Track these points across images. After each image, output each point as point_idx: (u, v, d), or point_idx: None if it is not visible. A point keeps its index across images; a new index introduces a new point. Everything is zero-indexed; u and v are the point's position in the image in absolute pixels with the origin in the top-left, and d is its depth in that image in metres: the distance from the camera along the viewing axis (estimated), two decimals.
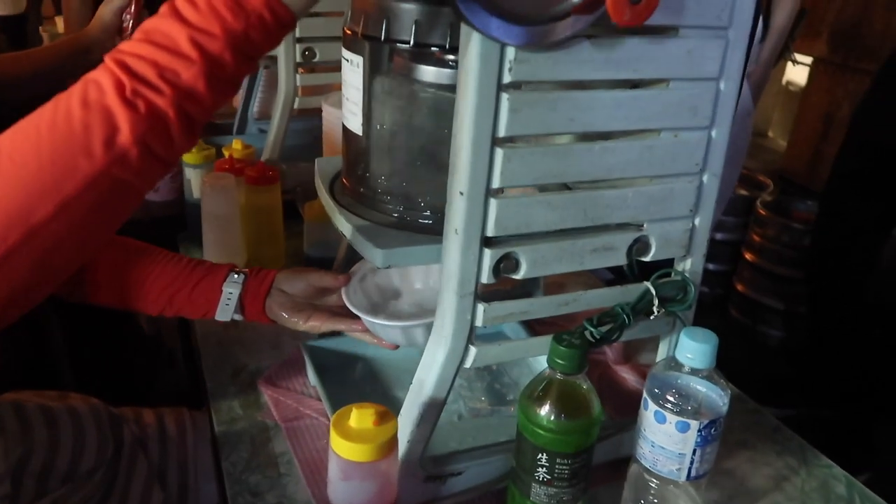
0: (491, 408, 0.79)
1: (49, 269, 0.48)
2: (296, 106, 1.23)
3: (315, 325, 0.77)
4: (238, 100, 1.57)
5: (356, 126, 0.62)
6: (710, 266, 2.51)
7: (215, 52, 0.47)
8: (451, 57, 0.57)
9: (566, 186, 0.61)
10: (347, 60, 0.61)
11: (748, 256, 2.34)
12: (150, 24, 0.48)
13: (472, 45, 0.48)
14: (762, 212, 2.28)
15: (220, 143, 1.35)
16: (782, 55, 1.79)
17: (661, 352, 0.69)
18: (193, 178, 1.13)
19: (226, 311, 0.77)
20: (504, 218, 0.54)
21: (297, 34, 1.17)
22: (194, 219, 1.10)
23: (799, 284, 2.17)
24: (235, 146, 1.17)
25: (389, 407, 0.61)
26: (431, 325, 0.63)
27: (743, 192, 2.47)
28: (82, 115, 0.45)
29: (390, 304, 0.78)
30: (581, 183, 0.58)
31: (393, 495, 0.57)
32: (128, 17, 1.28)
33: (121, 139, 0.45)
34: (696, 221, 0.63)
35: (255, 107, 1.54)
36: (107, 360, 1.56)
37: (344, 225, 0.62)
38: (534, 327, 0.89)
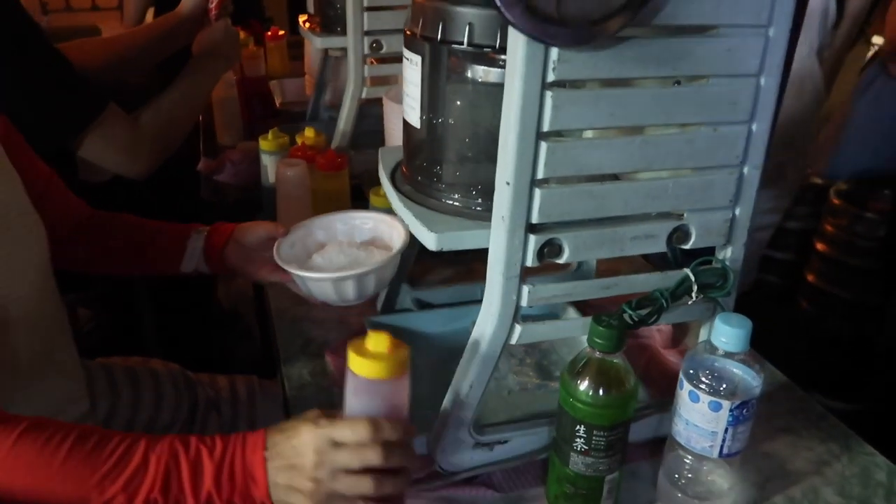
0: (538, 382, 0.84)
1: None
2: (364, 96, 1.29)
3: (263, 274, 0.86)
4: (310, 90, 1.65)
5: (415, 120, 0.67)
6: (780, 255, 2.45)
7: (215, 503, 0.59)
8: (502, 56, 0.61)
9: (610, 176, 0.64)
10: (408, 59, 0.66)
11: (819, 247, 2.28)
12: (202, 461, 0.59)
13: (518, 47, 0.53)
14: (835, 201, 2.21)
15: (294, 131, 1.43)
16: (858, 39, 1.73)
17: (702, 335, 0.72)
18: (269, 164, 1.22)
19: (189, 262, 0.88)
20: (547, 206, 0.59)
21: (366, 27, 1.23)
22: (270, 201, 1.18)
23: (873, 276, 2.10)
24: (308, 134, 1.24)
25: (443, 380, 0.67)
26: (360, 278, 0.72)
27: (817, 181, 2.40)
28: (125, 483, 0.57)
29: (315, 259, 0.84)
30: (622, 174, 0.61)
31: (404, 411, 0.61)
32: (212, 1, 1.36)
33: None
34: (737, 212, 0.65)
35: (326, 95, 1.62)
36: (189, 332, 1.69)
37: (402, 210, 0.68)
38: (583, 308, 0.92)
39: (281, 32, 1.99)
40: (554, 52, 0.53)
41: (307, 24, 1.40)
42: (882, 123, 1.81)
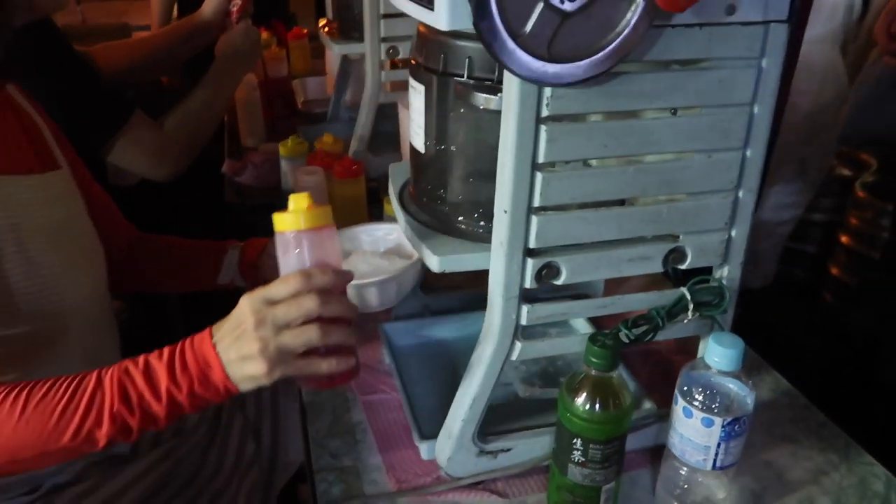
0: (544, 389, 0.87)
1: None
2: (381, 100, 1.32)
3: None
4: (331, 89, 1.69)
5: (420, 145, 0.70)
6: (803, 248, 2.43)
7: (179, 400, 0.64)
8: (502, 86, 0.64)
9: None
10: (412, 87, 0.69)
11: (844, 239, 2.26)
12: (151, 364, 0.65)
13: (513, 85, 0.55)
14: (860, 194, 2.18)
15: (314, 133, 1.47)
16: None
17: (700, 350, 0.75)
18: (289, 170, 1.26)
19: (225, 275, 0.93)
20: (544, 232, 0.61)
21: (382, 34, 1.25)
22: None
23: None
24: (326, 140, 1.28)
25: (456, 385, 0.71)
26: (382, 285, 0.75)
27: (844, 172, 2.37)
28: (83, 412, 0.63)
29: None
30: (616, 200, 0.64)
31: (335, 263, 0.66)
32: (234, 3, 1.40)
33: (97, 434, 0.64)
34: (733, 233, 0.67)
35: (346, 96, 1.65)
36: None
37: (408, 231, 0.71)
38: (597, 319, 0.95)
39: (304, 31, 2.02)
40: (547, 90, 0.55)
41: (326, 30, 1.43)
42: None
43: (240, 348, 0.63)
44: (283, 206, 1.32)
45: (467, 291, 1.02)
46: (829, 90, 1.77)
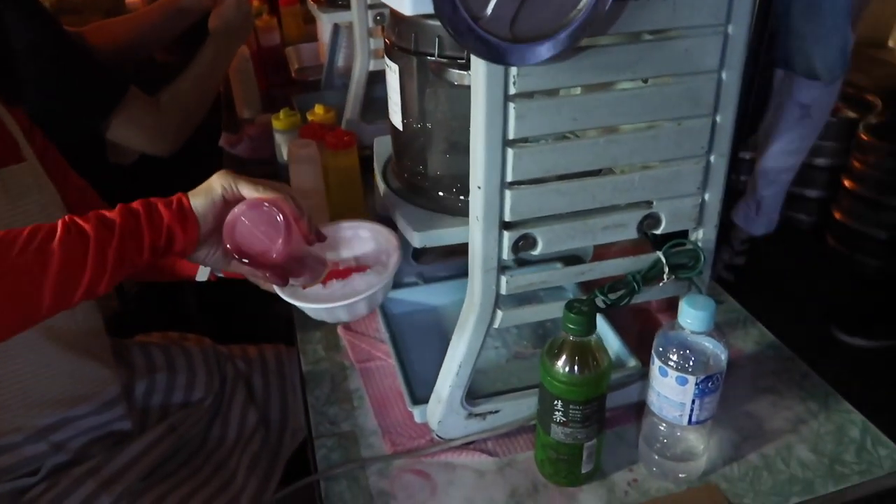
0: (533, 350, 0.90)
1: None
2: (371, 68, 1.32)
3: (268, 287, 0.87)
4: (324, 56, 1.68)
5: (398, 122, 0.71)
6: (808, 192, 2.43)
7: (133, 206, 0.66)
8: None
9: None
10: (388, 66, 0.70)
11: (848, 183, 2.25)
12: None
13: (479, 65, 0.56)
14: (865, 137, 2.17)
15: (309, 101, 1.48)
16: None
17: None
18: (283, 143, 1.27)
19: (203, 272, 0.92)
20: (518, 205, 0.63)
21: (369, 1, 1.25)
22: (285, 178, 1.24)
23: None
24: (318, 111, 1.29)
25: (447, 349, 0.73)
26: (351, 305, 0.74)
27: (849, 114, 2.34)
28: (30, 230, 0.62)
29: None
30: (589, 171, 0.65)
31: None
32: None
33: (51, 245, 0.61)
34: (706, 196, 0.69)
35: (339, 62, 1.65)
36: (227, 296, 1.79)
37: (391, 206, 0.73)
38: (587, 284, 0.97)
39: None
40: (514, 68, 0.57)
41: None
42: None
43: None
44: (279, 179, 1.33)
45: (459, 259, 1.04)
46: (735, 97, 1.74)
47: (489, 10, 0.52)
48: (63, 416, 0.86)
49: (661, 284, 0.71)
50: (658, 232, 0.69)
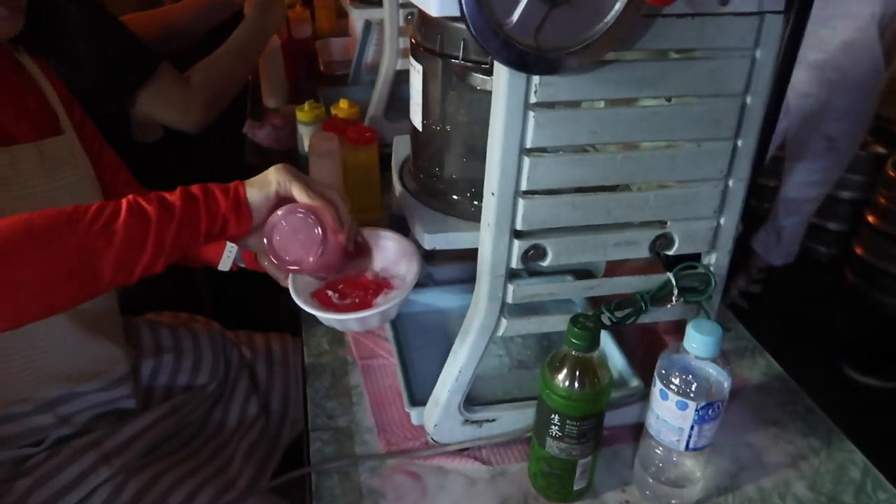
0: (536, 361, 0.89)
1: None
2: (399, 67, 1.32)
3: (286, 285, 0.88)
4: (354, 51, 1.69)
5: (417, 123, 0.71)
6: (829, 224, 2.40)
7: (193, 191, 0.68)
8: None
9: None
10: (413, 66, 0.70)
11: (871, 219, 2.22)
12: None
13: (501, 71, 0.56)
14: (893, 173, 2.14)
15: (335, 95, 1.48)
16: None
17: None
18: (305, 134, 1.28)
19: (226, 261, 0.92)
20: (531, 215, 0.63)
21: (401, 0, 1.25)
22: (305, 169, 1.25)
23: None
24: (342, 105, 1.30)
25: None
26: (364, 318, 0.74)
27: (878, 149, 2.31)
28: (96, 207, 0.63)
29: None
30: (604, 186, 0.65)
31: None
32: None
33: (116, 224, 0.63)
34: (722, 220, 0.68)
35: (368, 58, 1.66)
36: (237, 288, 1.80)
37: (405, 206, 0.73)
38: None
39: None
40: (536, 77, 0.56)
41: None
42: None
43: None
44: (299, 169, 1.34)
45: (470, 263, 1.04)
46: (862, 66, 1.72)
47: (515, 16, 0.52)
48: (71, 390, 0.87)
49: (669, 306, 0.70)
50: (670, 253, 0.69)
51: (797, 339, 2.11)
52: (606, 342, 0.89)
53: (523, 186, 0.61)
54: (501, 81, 0.57)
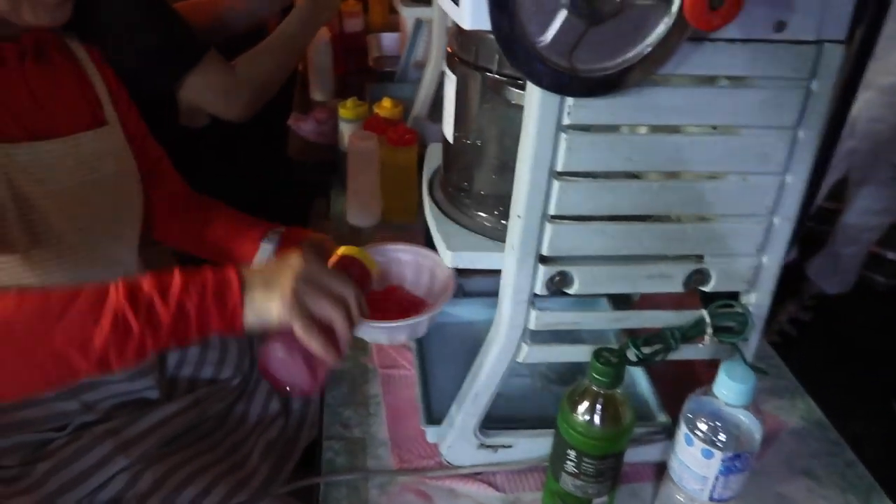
0: (562, 386, 0.86)
1: None
2: (444, 68, 1.30)
3: None
4: (403, 48, 1.67)
5: (449, 134, 0.69)
6: (888, 254, 2.28)
7: (188, 308, 0.63)
8: None
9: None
10: (447, 76, 0.67)
11: None
12: (165, 274, 0.64)
13: (534, 90, 0.53)
14: None
15: (382, 91, 1.47)
16: None
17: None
18: (346, 131, 1.27)
19: (260, 261, 0.91)
20: (558, 241, 0.60)
21: None
22: (344, 167, 1.24)
23: None
24: (385, 104, 1.28)
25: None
26: (412, 327, 0.73)
27: None
28: (87, 310, 0.61)
29: None
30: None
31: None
32: None
33: (95, 343, 0.60)
34: (764, 259, 0.63)
35: (417, 56, 1.64)
36: None
37: (430, 219, 0.71)
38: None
39: None
40: (570, 98, 0.53)
41: None
42: None
43: (267, 282, 0.63)
44: (337, 166, 1.32)
45: (497, 275, 1.01)
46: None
47: (549, 35, 0.49)
48: (96, 379, 0.88)
49: (701, 345, 0.66)
50: (707, 290, 0.65)
51: (846, 371, 2.01)
52: (636, 370, 0.85)
53: (551, 211, 0.58)
54: (533, 99, 0.54)
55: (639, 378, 0.85)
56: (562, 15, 0.48)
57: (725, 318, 0.65)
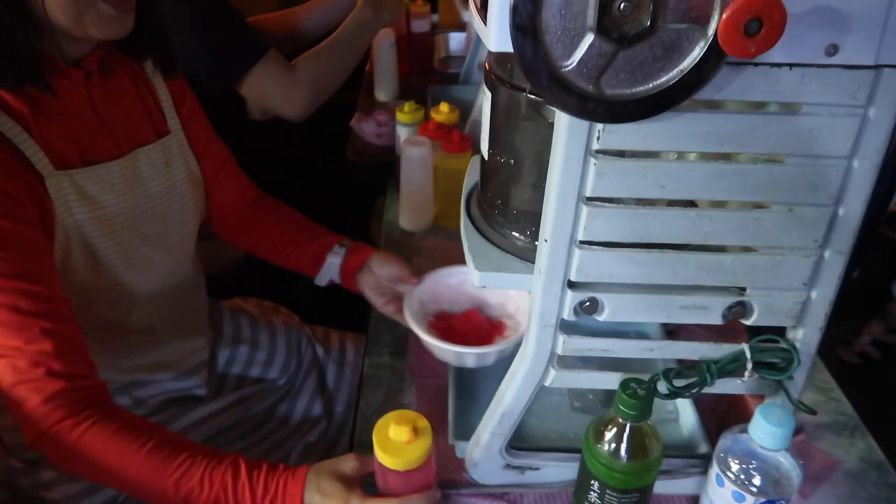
0: (599, 405, 0.83)
1: None
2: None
3: (387, 309, 0.88)
4: (469, 49, 1.66)
5: (484, 151, 0.68)
6: None
7: None
8: None
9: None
10: (483, 92, 0.66)
11: None
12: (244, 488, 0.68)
13: (562, 114, 0.51)
14: None
15: (445, 93, 1.47)
16: None
17: None
18: (402, 135, 1.27)
19: (324, 276, 0.93)
20: (586, 266, 0.58)
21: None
22: (399, 169, 1.24)
23: None
24: (442, 109, 1.27)
25: None
26: (482, 354, 0.73)
27: None
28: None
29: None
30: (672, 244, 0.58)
31: (431, 488, 0.68)
32: None
33: None
34: (813, 295, 0.59)
35: (481, 58, 1.62)
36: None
37: (463, 235, 0.70)
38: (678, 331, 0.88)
39: None
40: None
41: None
42: None
43: None
44: (393, 170, 1.31)
45: None
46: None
47: (575, 59, 0.47)
48: (148, 378, 0.91)
49: (740, 381, 0.62)
50: (748, 323, 0.61)
51: None
52: None
53: (580, 236, 0.56)
54: (562, 122, 0.52)
55: (683, 406, 0.82)
56: (588, 38, 0.46)
57: (769, 355, 0.62)
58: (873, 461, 0.80)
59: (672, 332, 0.91)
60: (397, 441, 0.63)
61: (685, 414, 0.81)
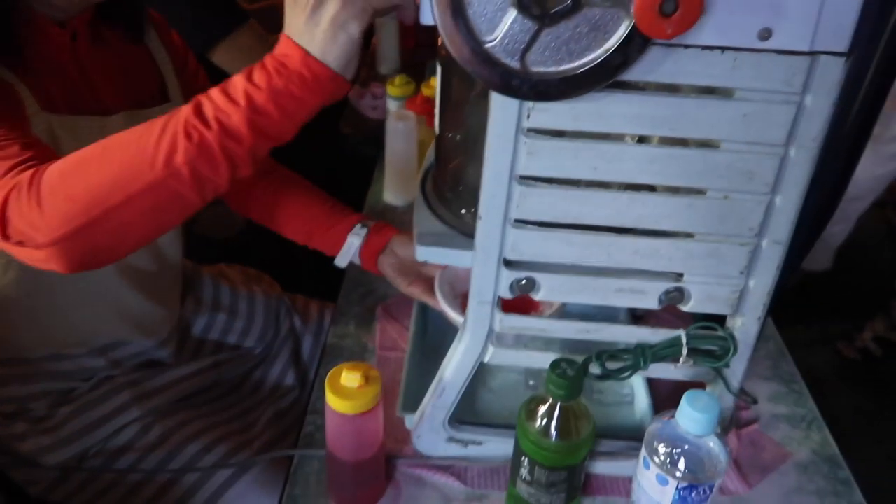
0: None
1: (123, 240, 0.63)
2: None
3: (413, 291, 0.88)
4: None
5: (436, 126, 0.68)
6: None
7: (259, 103, 0.58)
8: None
9: None
10: (438, 65, 0.66)
11: None
12: (229, 80, 0.60)
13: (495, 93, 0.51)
14: None
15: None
16: None
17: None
18: (392, 108, 1.27)
19: (344, 257, 0.91)
20: (520, 245, 0.58)
21: None
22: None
23: None
24: (432, 83, 1.26)
25: None
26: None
27: None
28: (158, 136, 0.59)
29: None
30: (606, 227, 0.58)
31: (379, 441, 0.68)
32: None
33: (176, 159, 0.58)
34: (750, 283, 0.59)
35: None
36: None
37: (414, 209, 0.70)
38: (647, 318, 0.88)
39: None
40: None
41: None
42: None
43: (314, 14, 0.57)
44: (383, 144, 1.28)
45: None
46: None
47: (498, 34, 0.47)
48: (123, 340, 0.93)
49: (675, 367, 0.62)
50: (685, 309, 0.61)
51: None
52: (636, 379, 0.81)
53: (513, 215, 0.56)
54: (494, 100, 0.52)
55: (638, 390, 0.82)
56: (510, 14, 0.46)
57: (706, 342, 0.61)
58: (826, 455, 0.79)
59: (640, 316, 0.91)
60: (348, 387, 0.64)
61: (639, 398, 0.81)
